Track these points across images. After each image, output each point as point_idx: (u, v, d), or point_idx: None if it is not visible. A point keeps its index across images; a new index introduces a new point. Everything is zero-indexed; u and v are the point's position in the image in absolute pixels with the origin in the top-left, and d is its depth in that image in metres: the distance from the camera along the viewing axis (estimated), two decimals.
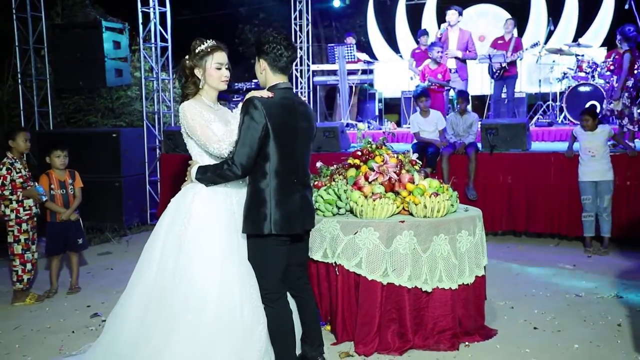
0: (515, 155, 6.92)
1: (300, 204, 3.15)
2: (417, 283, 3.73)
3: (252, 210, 3.07)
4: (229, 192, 3.20)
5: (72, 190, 5.28)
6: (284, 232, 3.06)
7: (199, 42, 3.25)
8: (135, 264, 3.34)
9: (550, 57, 10.02)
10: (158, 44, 8.70)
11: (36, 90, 8.96)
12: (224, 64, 3.23)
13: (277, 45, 3.09)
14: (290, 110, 3.13)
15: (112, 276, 5.87)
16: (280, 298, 3.17)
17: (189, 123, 3.15)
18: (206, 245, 3.09)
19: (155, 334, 3.06)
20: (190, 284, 3.05)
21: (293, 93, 3.25)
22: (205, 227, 3.11)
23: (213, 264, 3.07)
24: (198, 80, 3.24)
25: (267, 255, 3.11)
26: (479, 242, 4.01)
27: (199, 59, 3.21)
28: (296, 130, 3.13)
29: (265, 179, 3.05)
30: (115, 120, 10.21)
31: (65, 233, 5.27)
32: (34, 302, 5.06)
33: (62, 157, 5.27)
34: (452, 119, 7.25)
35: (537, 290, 5.04)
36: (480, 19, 11.94)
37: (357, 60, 10.95)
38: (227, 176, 3.07)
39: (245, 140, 2.98)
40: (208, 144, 3.10)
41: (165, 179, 8.47)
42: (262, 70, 3.16)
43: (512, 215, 6.89)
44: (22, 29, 8.80)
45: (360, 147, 4.40)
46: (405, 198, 3.92)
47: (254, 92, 3.07)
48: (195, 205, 3.14)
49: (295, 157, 3.14)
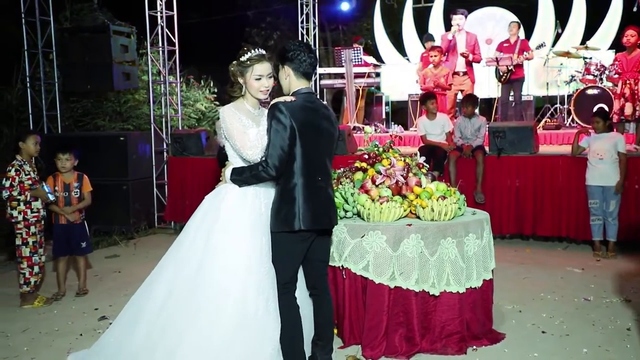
0: (523, 158, 6.90)
1: (326, 201, 3.27)
2: (425, 286, 3.72)
3: (281, 208, 3.17)
4: (259, 194, 3.28)
5: (76, 193, 5.27)
6: (312, 227, 3.17)
7: (245, 52, 3.31)
8: (143, 268, 3.36)
9: (558, 60, 9.99)
10: (165, 48, 8.73)
11: (45, 94, 9.00)
12: (265, 75, 3.28)
13: (301, 52, 3.23)
14: (313, 111, 3.25)
15: (119, 279, 5.89)
16: (290, 292, 3.25)
17: (227, 127, 3.25)
18: (231, 244, 3.18)
19: (172, 328, 3.13)
20: (212, 281, 3.14)
21: (315, 97, 3.37)
22: (232, 226, 3.20)
23: (236, 263, 3.15)
24: (241, 86, 3.33)
25: (291, 250, 3.21)
26: (487, 246, 4.00)
27: (241, 68, 3.28)
28: (319, 131, 3.25)
29: (293, 178, 3.16)
30: (123, 124, 10.26)
31: (68, 236, 5.28)
32: (42, 304, 5.08)
33: (63, 160, 5.24)
34: (460, 122, 7.24)
35: (545, 294, 5.02)
36: (487, 22, 11.92)
37: (364, 63, 10.95)
38: (261, 177, 3.18)
39: (276, 143, 3.10)
40: (242, 149, 3.20)
41: (173, 182, 8.48)
42: (287, 76, 3.28)
43: (519, 218, 6.86)
44: (31, 33, 8.85)
45: (367, 150, 4.40)
46: (412, 201, 3.91)
47: (278, 98, 3.19)
48: (225, 204, 3.25)
49: (319, 157, 3.25)
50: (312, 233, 3.22)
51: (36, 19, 8.79)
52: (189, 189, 8.13)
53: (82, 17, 9.48)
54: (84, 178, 5.36)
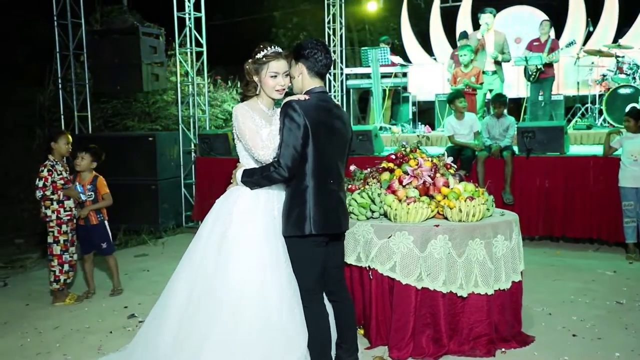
0: (553, 158, 6.80)
1: (337, 204, 3.20)
2: (452, 288, 3.69)
3: (292, 211, 3.11)
4: (271, 196, 3.23)
5: (90, 196, 5.23)
6: (323, 231, 3.10)
7: (260, 49, 3.24)
8: (172, 267, 3.39)
9: (589, 59, 9.80)
10: (193, 49, 8.82)
11: (76, 95, 9.16)
12: (281, 72, 3.21)
13: (317, 51, 3.16)
14: (326, 111, 3.19)
15: (148, 278, 5.96)
16: (316, 299, 3.19)
17: (239, 126, 3.20)
18: (245, 247, 3.13)
19: (194, 335, 3.11)
20: (227, 285, 3.10)
21: (328, 96, 3.31)
22: (245, 229, 3.15)
23: (251, 266, 3.11)
24: (256, 85, 3.27)
25: (306, 255, 3.14)
26: (516, 247, 3.95)
27: (257, 66, 3.22)
28: (332, 131, 3.18)
29: (305, 180, 3.10)
30: (152, 124, 10.38)
31: (88, 236, 5.31)
32: (73, 302, 5.16)
33: (79, 158, 5.22)
34: (488, 122, 7.16)
35: (576, 297, 4.93)
36: (516, 20, 11.76)
37: (391, 63, 10.91)
38: (273, 178, 3.11)
39: (289, 142, 3.04)
40: (254, 149, 3.14)
41: (200, 182, 8.56)
42: (299, 74, 3.21)
43: (549, 219, 6.76)
44: (62, 35, 9.02)
45: (394, 150, 4.37)
46: (440, 202, 3.88)
47: (291, 96, 3.13)
48: (237, 207, 3.19)
49: (332, 158, 3.18)
50: (325, 237, 3.15)
51: (68, 21, 8.94)
52: (216, 188, 8.12)
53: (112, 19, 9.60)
54: (98, 180, 5.30)
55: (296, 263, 3.15)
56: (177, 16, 8.65)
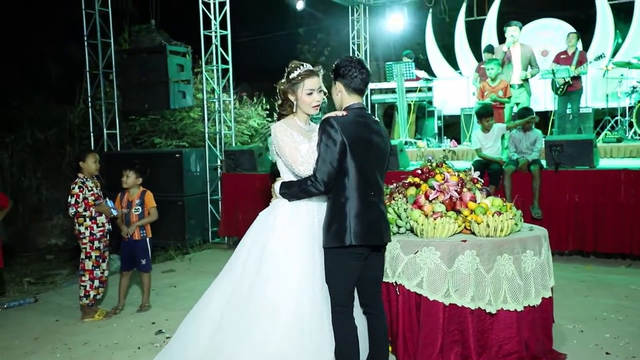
0: (582, 172, 6.68)
1: (378, 216, 3.22)
2: (481, 304, 3.64)
3: (332, 223, 3.16)
4: (312, 208, 3.31)
5: (137, 210, 5.38)
6: (363, 242, 3.12)
7: (293, 68, 3.34)
8: (198, 283, 3.43)
9: (618, 71, 9.67)
10: (219, 66, 8.92)
11: (105, 113, 9.33)
12: (316, 89, 3.32)
13: (352, 68, 3.23)
14: (364, 126, 3.23)
15: (175, 294, 5.99)
16: (347, 311, 3.20)
17: (278, 144, 3.30)
18: (286, 258, 3.21)
19: (227, 345, 3.18)
20: (266, 294, 3.17)
21: (366, 112, 3.36)
22: (286, 240, 3.24)
23: (290, 277, 3.18)
24: (292, 103, 3.36)
25: (343, 267, 3.16)
26: (545, 263, 3.88)
27: (292, 85, 3.32)
28: (370, 145, 3.22)
29: (345, 193, 3.14)
30: (179, 141, 10.51)
31: (131, 252, 5.41)
32: (102, 318, 5.22)
33: (124, 176, 5.41)
34: (515, 136, 7.09)
35: (609, 314, 4.82)
36: (543, 33, 11.68)
37: (415, 78, 10.89)
38: (310, 192, 3.19)
39: (325, 158, 3.11)
40: (294, 165, 3.23)
41: (226, 198, 8.61)
42: (338, 92, 3.29)
43: (579, 234, 6.63)
44: (92, 54, 9.22)
45: (420, 165, 4.35)
46: (467, 217, 3.84)
47: (329, 113, 3.20)
48: (279, 219, 3.29)
49: (371, 171, 3.22)
50: (366, 249, 3.17)
51: (98, 41, 9.15)
52: (242, 204, 8.23)
53: (140, 39, 9.77)
54: (146, 194, 5.46)
55: (332, 273, 3.18)
56: (203, 34, 8.78)
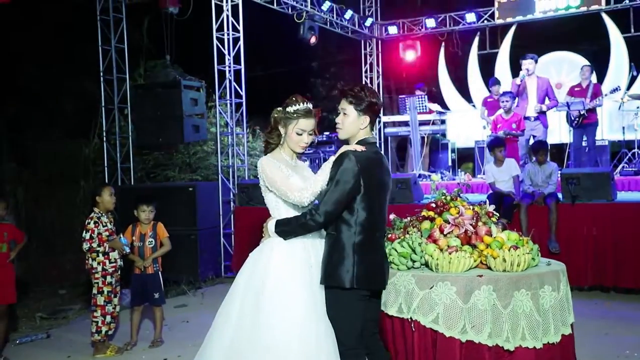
0: (600, 205, 6.58)
1: (382, 259, 3.15)
2: (498, 341, 3.52)
3: (334, 263, 3.04)
4: (307, 246, 3.18)
5: (150, 243, 5.39)
6: (367, 287, 3.04)
7: (293, 102, 3.25)
8: (211, 318, 3.33)
9: (634, 103, 9.63)
10: (233, 100, 8.98)
11: (119, 147, 9.41)
12: (307, 130, 3.24)
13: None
14: (379, 165, 3.17)
15: (188, 329, 5.92)
16: (359, 355, 3.09)
17: (268, 176, 3.18)
18: (285, 302, 3.03)
19: None
20: (268, 343, 2.98)
21: (377, 146, 3.30)
22: (283, 283, 3.06)
23: (292, 322, 3.00)
24: (280, 134, 3.29)
25: (348, 309, 3.06)
26: (564, 298, 3.77)
27: (286, 118, 3.24)
28: (382, 186, 3.17)
29: (350, 232, 3.05)
30: (192, 175, 10.55)
31: (143, 285, 5.38)
32: (114, 354, 5.16)
33: (147, 212, 5.43)
34: (530, 169, 7.02)
35: (632, 352, 4.68)
36: (556, 66, 11.69)
37: (429, 110, 10.92)
38: (309, 226, 3.07)
39: (336, 191, 3.00)
40: (289, 192, 3.11)
41: (240, 232, 8.58)
42: (363, 125, 3.16)
43: (599, 269, 6.50)
44: (107, 90, 9.35)
45: (434, 198, 4.29)
46: (482, 251, 3.76)
47: (348, 146, 3.11)
48: (273, 261, 3.12)
49: (379, 212, 3.15)
50: (367, 292, 3.08)
51: (113, 76, 9.29)
52: (255, 238, 8.03)
53: (155, 74, 9.91)
54: (158, 226, 5.48)
55: (337, 318, 3.05)
56: (217, 69, 8.87)
